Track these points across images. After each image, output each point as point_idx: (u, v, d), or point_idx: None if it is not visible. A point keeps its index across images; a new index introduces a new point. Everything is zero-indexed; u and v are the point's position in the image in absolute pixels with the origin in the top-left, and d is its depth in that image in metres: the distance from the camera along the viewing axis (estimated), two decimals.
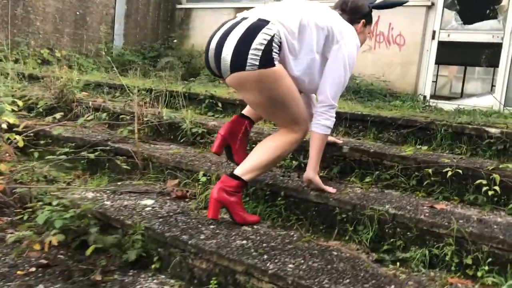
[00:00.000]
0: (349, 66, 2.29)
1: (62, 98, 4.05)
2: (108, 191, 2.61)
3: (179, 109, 4.15)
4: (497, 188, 2.28)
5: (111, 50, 8.15)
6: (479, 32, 6.36)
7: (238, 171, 2.24)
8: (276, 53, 2.05)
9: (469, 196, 2.40)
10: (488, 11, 6.20)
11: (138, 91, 4.29)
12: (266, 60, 2.01)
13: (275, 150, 2.26)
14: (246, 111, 2.53)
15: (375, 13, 2.61)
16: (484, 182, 2.33)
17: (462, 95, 14.64)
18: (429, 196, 2.49)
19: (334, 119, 2.31)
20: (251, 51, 2.00)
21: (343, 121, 3.40)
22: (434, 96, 10.15)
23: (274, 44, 2.03)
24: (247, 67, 2.00)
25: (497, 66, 6.17)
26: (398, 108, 5.63)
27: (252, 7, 2.31)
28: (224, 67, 2.07)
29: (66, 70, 6.96)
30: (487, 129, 2.88)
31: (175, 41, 8.85)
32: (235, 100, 3.93)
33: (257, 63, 2.00)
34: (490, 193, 2.29)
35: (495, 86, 6.24)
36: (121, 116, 3.61)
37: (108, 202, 2.41)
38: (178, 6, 9.22)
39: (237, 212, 2.23)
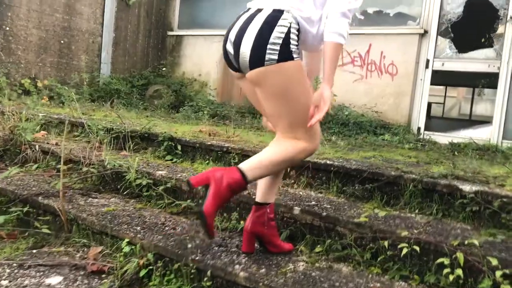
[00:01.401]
0: None
1: (12, 140, 3.75)
2: (15, 264, 2.27)
3: (139, 151, 3.84)
4: (459, 272, 1.90)
5: (98, 79, 7.92)
6: (475, 61, 5.99)
7: (243, 165, 2.05)
8: (295, 45, 1.98)
9: (430, 277, 2.02)
10: (483, 40, 5.85)
11: (97, 131, 3.99)
12: (284, 54, 1.95)
13: (286, 152, 2.08)
14: (260, 197, 2.23)
15: (366, 41, 2.30)
16: (447, 261, 1.95)
17: (470, 116, 14.24)
18: (385, 273, 2.11)
19: (349, 27, 2.01)
20: (269, 46, 1.94)
21: (305, 170, 3.05)
22: (442, 117, 9.71)
23: (292, 36, 1.96)
24: (265, 62, 1.95)
25: (495, 96, 5.78)
26: (386, 143, 5.27)
27: None
28: (243, 63, 2.02)
29: (45, 102, 6.75)
30: (460, 186, 2.50)
31: (164, 69, 8.61)
32: (195, 143, 3.60)
33: (276, 57, 1.95)
34: (452, 277, 1.91)
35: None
36: (58, 166, 3.29)
37: (5, 282, 2.07)
38: (170, 33, 9.02)
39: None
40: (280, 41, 1.93)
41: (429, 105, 9.14)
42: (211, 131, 4.00)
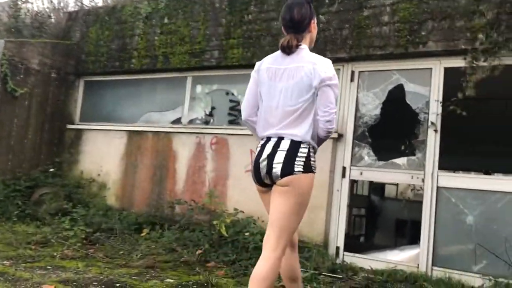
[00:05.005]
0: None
1: None
2: None
3: None
4: None
5: None
6: (396, 172, 5.11)
7: None
8: (313, 161, 2.61)
9: None
10: (403, 147, 5.01)
11: None
12: (307, 167, 2.55)
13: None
14: None
15: None
16: None
17: None
18: None
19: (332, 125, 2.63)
20: (296, 162, 2.54)
21: None
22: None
23: (311, 154, 2.60)
24: (294, 172, 2.53)
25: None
26: None
27: (145, 131, 1.70)
28: (275, 173, 2.56)
29: None
30: None
31: (51, 170, 7.35)
32: None
33: (301, 170, 2.53)
34: None
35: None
36: None
37: None
38: (70, 126, 7.88)
39: None
40: (304, 159, 2.54)
41: None
42: None
